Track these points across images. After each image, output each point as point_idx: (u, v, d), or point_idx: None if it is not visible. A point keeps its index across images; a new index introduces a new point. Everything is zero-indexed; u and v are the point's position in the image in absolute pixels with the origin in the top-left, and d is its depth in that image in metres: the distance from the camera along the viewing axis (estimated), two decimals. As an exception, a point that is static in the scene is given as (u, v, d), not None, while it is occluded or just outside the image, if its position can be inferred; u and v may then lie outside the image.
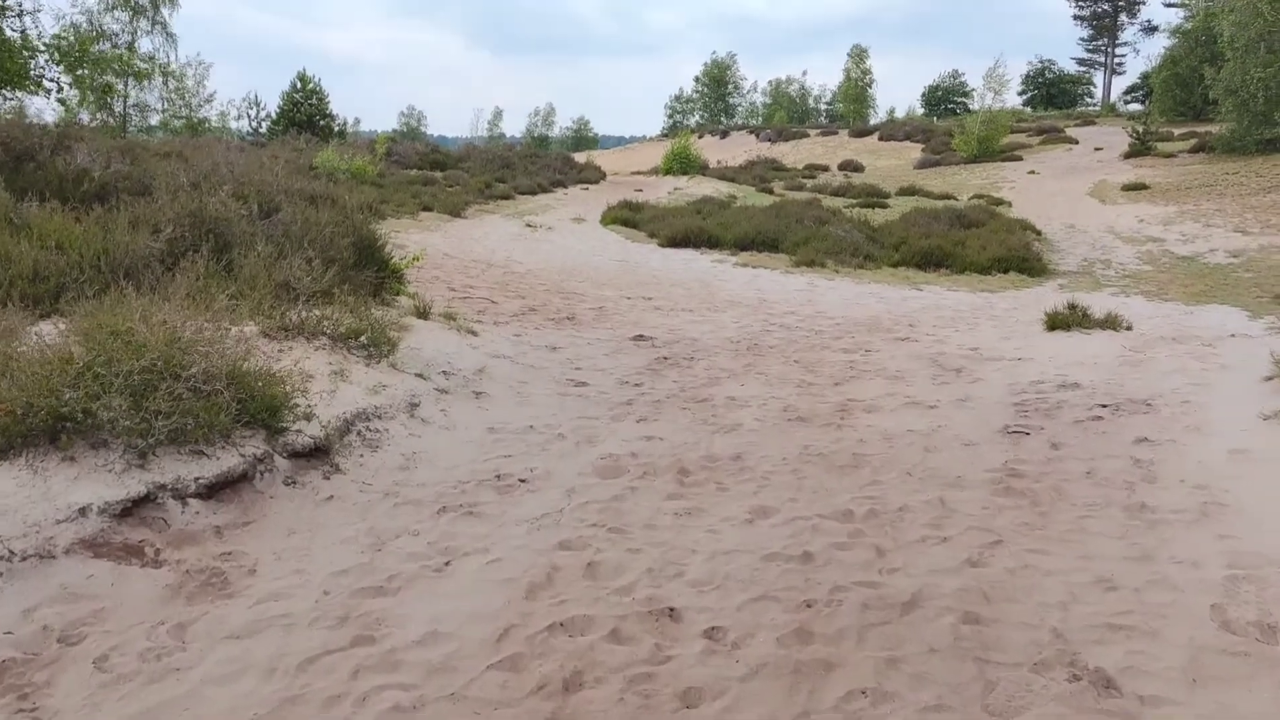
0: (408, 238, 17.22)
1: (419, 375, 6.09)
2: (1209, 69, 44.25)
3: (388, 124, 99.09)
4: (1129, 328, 8.83)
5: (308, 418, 4.87)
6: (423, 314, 7.36)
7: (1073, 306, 8.79)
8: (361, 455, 4.94)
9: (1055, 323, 8.76)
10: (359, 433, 5.10)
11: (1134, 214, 28.79)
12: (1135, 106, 79.88)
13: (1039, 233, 23.29)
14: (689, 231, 19.26)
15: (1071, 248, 20.92)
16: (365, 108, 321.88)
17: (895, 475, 5.35)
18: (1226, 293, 13.45)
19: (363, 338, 5.80)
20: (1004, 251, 16.16)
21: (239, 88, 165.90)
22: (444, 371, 6.46)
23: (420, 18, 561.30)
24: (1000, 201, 33.57)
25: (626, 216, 24.44)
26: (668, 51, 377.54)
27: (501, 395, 6.45)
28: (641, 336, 8.30)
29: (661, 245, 19.15)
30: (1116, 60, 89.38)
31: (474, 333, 7.53)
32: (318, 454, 4.77)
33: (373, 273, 7.15)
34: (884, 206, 31.71)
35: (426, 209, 23.74)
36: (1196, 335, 8.80)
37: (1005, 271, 15.64)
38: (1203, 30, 56.19)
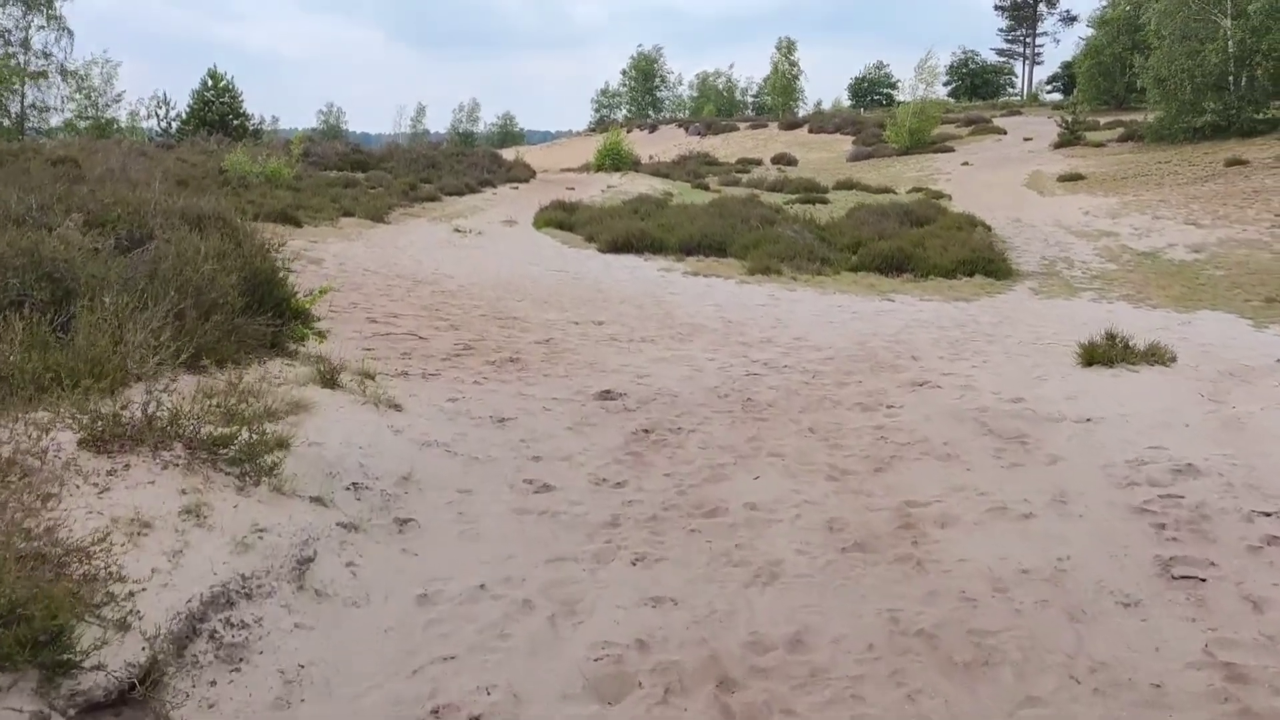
0: (326, 249, 15.69)
1: (316, 499, 4.19)
2: (1138, 57, 44.44)
3: (307, 122, 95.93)
4: (1173, 359, 7.63)
5: (123, 626, 2.84)
6: (329, 380, 5.49)
7: (1112, 337, 7.69)
8: (213, 683, 2.96)
9: (1094, 357, 7.62)
10: (212, 636, 3.07)
11: (1076, 206, 28.36)
12: (1056, 96, 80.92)
13: (989, 228, 22.60)
14: (630, 235, 18.02)
15: (1025, 244, 20.19)
16: (284, 105, 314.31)
17: (1054, 682, 3.45)
18: (1209, 295, 12.68)
19: (235, 445, 3.91)
20: (967, 253, 15.25)
21: (152, 86, 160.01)
22: (354, 484, 4.57)
23: (338, 13, 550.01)
24: (940, 195, 33.01)
25: (561, 219, 23.12)
26: (592, 45, 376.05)
27: (437, 522, 4.53)
28: (608, 394, 6.62)
29: (601, 250, 17.89)
30: (1036, 50, 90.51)
31: (397, 406, 5.60)
32: (128, 704, 2.70)
33: (267, 318, 5.77)
34: (824, 202, 30.89)
35: (347, 214, 22.13)
36: (1244, 363, 7.70)
37: (970, 275, 14.73)
38: (1125, 20, 56.69)
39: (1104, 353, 7.58)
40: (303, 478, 4.35)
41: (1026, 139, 51.07)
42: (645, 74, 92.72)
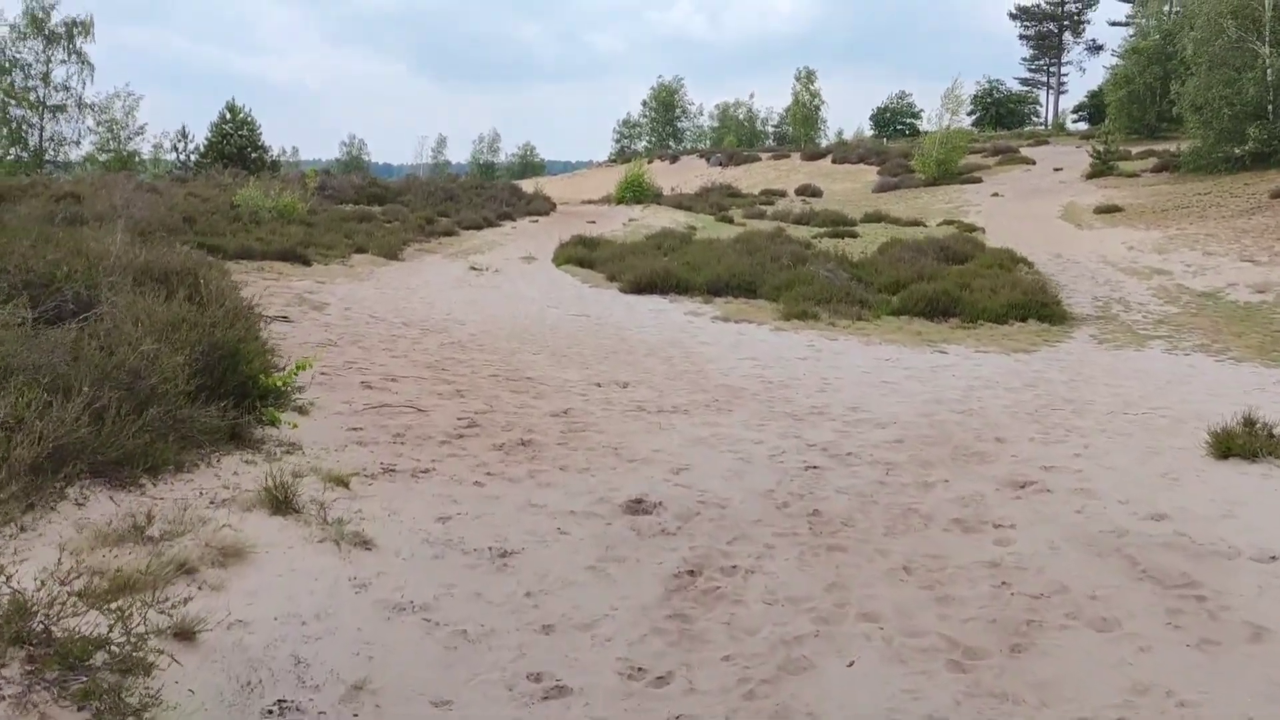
0: (333, 290, 14.79)
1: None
2: (1174, 84, 43.30)
3: (329, 153, 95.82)
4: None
5: None
6: (282, 503, 4.15)
7: (1250, 422, 6.48)
8: None
9: (1230, 447, 6.38)
10: None
11: (1118, 240, 27.19)
12: (1082, 125, 79.71)
13: (1030, 264, 21.49)
14: (654, 275, 17.03)
15: (1072, 282, 19.05)
16: (307, 137, 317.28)
17: None
18: (1293, 345, 11.50)
19: (100, 657, 2.64)
20: (1019, 296, 14.14)
21: (179, 119, 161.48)
22: (279, 705, 3.10)
23: (362, 44, 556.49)
24: (973, 228, 31.91)
25: (582, 255, 22.18)
26: (612, 75, 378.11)
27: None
28: (639, 504, 5.23)
29: (624, 291, 16.91)
30: (1061, 79, 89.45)
31: (366, 542, 4.16)
32: None
33: (227, 404, 4.78)
34: (853, 236, 29.83)
35: (360, 250, 21.29)
36: None
37: (1023, 319, 13.61)
38: (1156, 49, 55.61)
39: (1244, 443, 6.21)
40: (199, 703, 2.98)
41: (1057, 169, 49.92)
42: (666, 104, 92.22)
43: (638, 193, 43.18)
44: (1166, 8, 59.15)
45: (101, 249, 6.29)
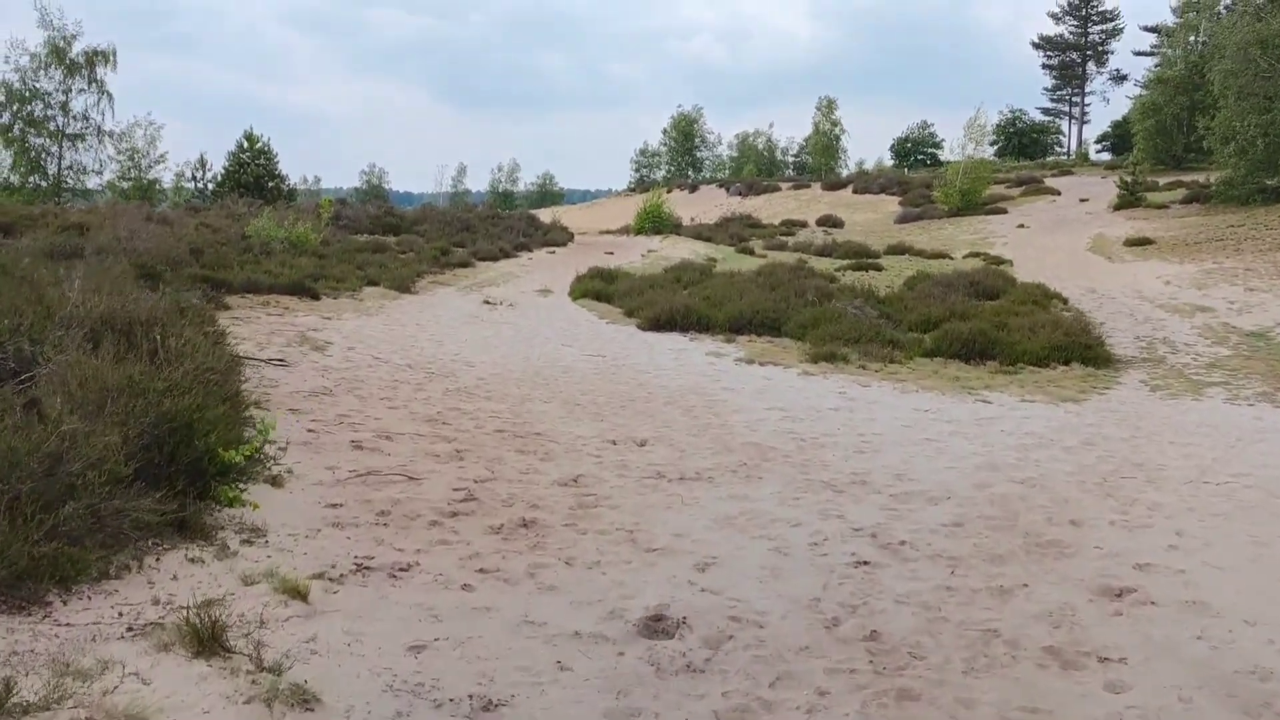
0: (338, 328, 14.16)
1: None
2: (1201, 118, 42.48)
3: (350, 181, 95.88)
4: None
5: None
6: (208, 640, 3.21)
7: None
8: None
9: None
10: None
11: (1152, 274, 26.31)
12: (1105, 155, 78.79)
13: (1064, 300, 20.67)
14: (674, 311, 16.32)
15: (1110, 320, 18.21)
16: (328, 165, 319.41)
17: None
18: (1365, 394, 10.63)
19: None
20: (1060, 337, 13.32)
21: (202, 147, 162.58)
22: None
23: (384, 73, 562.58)
24: (1000, 260, 31.10)
25: (599, 289, 21.52)
26: (631, 104, 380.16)
27: None
28: (659, 623, 4.23)
29: (643, 328, 16.22)
30: (1084, 109, 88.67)
31: (307, 699, 3.10)
32: None
33: (175, 488, 4.09)
34: (877, 268, 29.08)
35: (372, 283, 20.71)
36: None
37: (1066, 362, 12.79)
38: (1182, 80, 54.78)
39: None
40: None
41: (1083, 200, 49.10)
42: (685, 134, 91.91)
43: (657, 223, 42.60)
44: (1193, 38, 58.35)
45: (57, 295, 5.63)
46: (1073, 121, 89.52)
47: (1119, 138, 76.91)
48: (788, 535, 5.41)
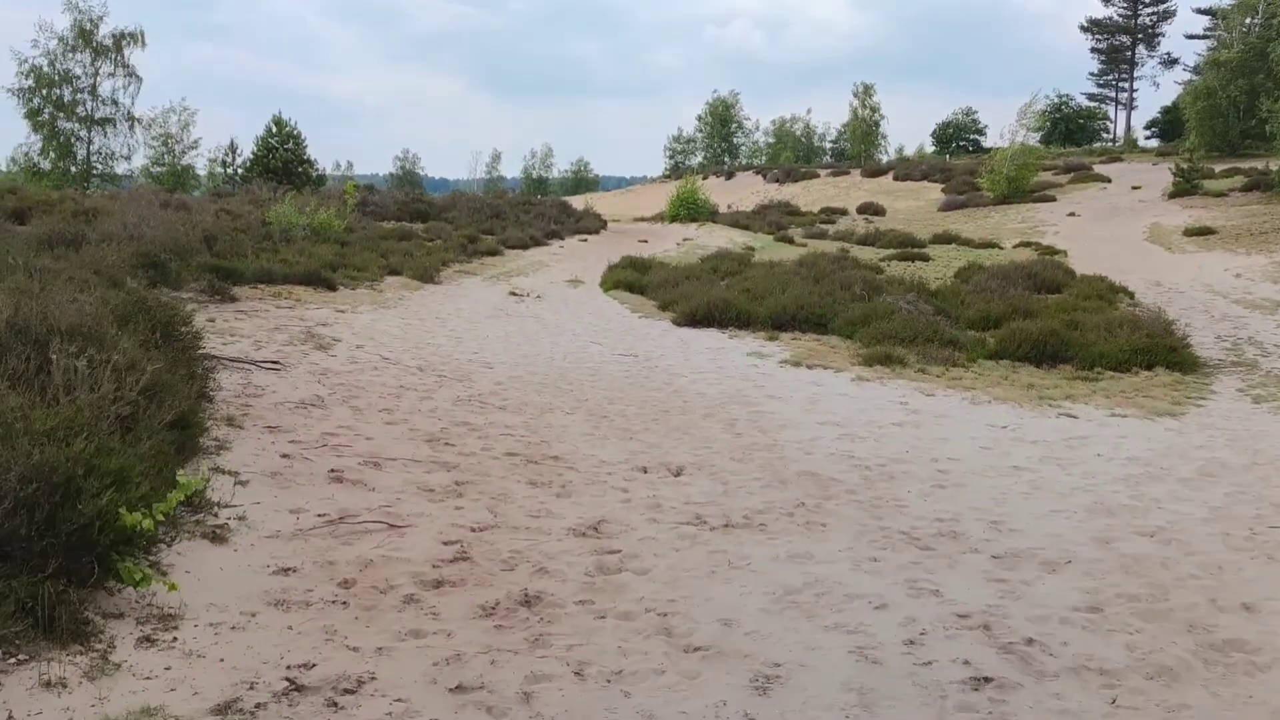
0: (350, 322, 13.15)
1: None
2: (1266, 100, 40.46)
3: (384, 168, 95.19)
4: None
5: None
6: None
7: None
8: None
9: None
10: None
11: (1218, 265, 24.74)
12: (1154, 142, 76.23)
13: (1131, 295, 19.24)
14: (711, 305, 15.17)
15: (1183, 315, 16.75)
16: (364, 152, 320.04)
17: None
18: None
19: None
20: (1141, 338, 11.97)
21: (238, 133, 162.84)
22: None
23: (421, 61, 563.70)
24: (1053, 250, 29.58)
25: (631, 279, 20.36)
26: (669, 92, 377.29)
27: None
28: None
29: (677, 323, 15.09)
30: (1133, 94, 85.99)
31: None
32: None
33: (54, 566, 3.03)
34: (924, 259, 27.70)
35: (394, 273, 19.68)
36: None
37: (1148, 366, 11.48)
38: (1242, 61, 52.43)
39: None
40: None
41: (1135, 187, 47.17)
42: (721, 120, 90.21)
43: (691, 210, 41.30)
44: (1249, 19, 55.82)
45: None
46: (1120, 107, 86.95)
47: (1168, 123, 74.40)
48: (872, 625, 4.05)
